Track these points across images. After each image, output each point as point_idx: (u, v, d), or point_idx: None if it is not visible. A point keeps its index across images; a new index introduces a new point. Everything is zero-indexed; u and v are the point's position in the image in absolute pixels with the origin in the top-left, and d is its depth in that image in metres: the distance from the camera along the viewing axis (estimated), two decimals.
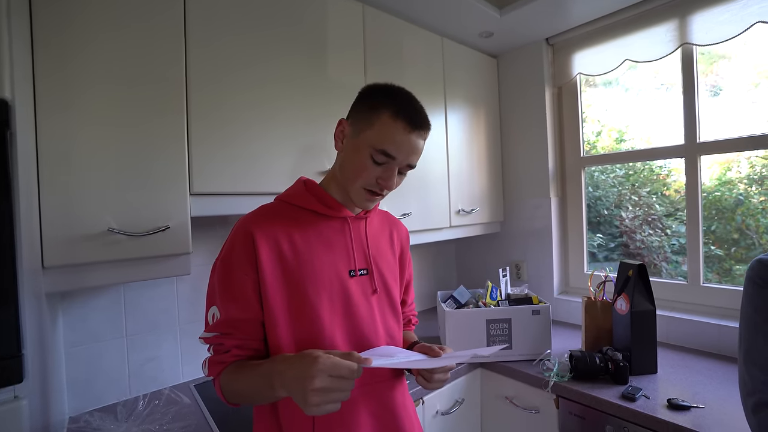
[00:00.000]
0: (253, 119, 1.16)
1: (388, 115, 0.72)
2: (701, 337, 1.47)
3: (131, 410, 1.09)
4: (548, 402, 1.30)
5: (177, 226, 1.01)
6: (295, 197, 0.80)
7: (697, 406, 1.08)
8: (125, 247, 0.93)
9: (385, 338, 0.82)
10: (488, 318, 1.44)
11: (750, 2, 1.37)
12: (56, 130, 0.85)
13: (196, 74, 1.05)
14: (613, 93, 1.89)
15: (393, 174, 0.75)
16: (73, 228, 0.87)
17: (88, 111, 0.89)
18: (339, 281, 0.77)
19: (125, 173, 0.94)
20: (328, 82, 1.34)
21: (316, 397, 0.56)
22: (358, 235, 0.83)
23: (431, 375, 0.77)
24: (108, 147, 0.92)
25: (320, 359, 0.58)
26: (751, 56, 1.50)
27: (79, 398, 1.17)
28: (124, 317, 1.25)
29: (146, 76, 0.97)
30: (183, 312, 1.37)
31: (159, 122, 0.99)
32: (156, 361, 1.30)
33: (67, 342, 1.15)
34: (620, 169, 1.91)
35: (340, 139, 0.79)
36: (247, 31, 1.15)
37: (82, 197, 0.88)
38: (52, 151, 0.85)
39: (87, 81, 0.89)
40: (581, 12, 1.69)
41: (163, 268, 1.01)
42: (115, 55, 0.93)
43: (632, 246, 1.86)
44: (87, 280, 0.91)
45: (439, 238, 1.75)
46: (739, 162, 1.56)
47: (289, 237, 0.75)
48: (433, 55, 1.72)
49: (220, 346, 0.73)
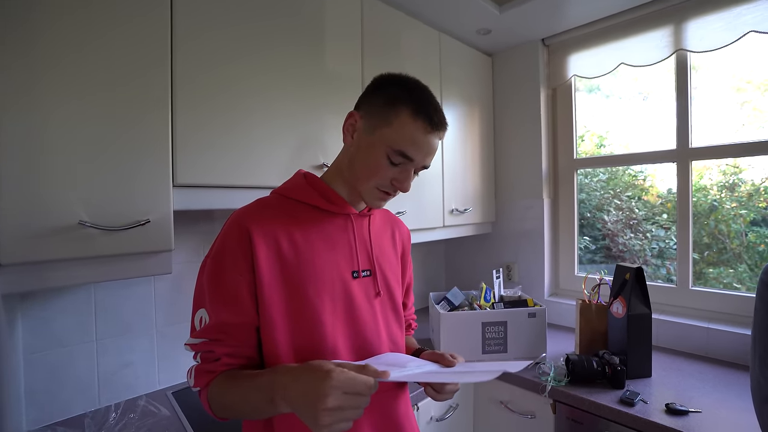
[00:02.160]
0: (244, 109, 1.07)
1: (407, 114, 0.67)
2: (690, 340, 1.49)
3: (101, 423, 0.98)
4: (544, 407, 1.28)
5: (158, 220, 0.91)
6: (295, 191, 0.74)
7: (695, 411, 1.08)
8: (99, 243, 0.83)
9: (388, 344, 0.77)
10: (484, 321, 1.41)
11: (743, 12, 1.40)
12: (19, 108, 0.74)
13: (184, 61, 0.96)
14: (594, 99, 1.92)
15: (409, 176, 0.71)
16: (38, 220, 0.76)
17: (57, 89, 0.78)
18: (341, 283, 0.71)
19: (100, 160, 0.84)
20: (324, 73, 1.27)
21: (328, 417, 0.50)
22: (361, 233, 0.77)
23: (443, 386, 0.72)
24: (81, 130, 0.81)
25: (333, 374, 0.51)
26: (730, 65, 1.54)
27: (39, 410, 1.04)
28: (95, 319, 1.14)
29: (127, 57, 0.87)
30: (160, 313, 1.26)
31: (140, 106, 0.89)
32: (130, 367, 1.19)
33: (26, 348, 1.03)
34: (603, 174, 1.93)
35: (350, 133, 0.73)
36: (238, 19, 1.06)
37: (49, 185, 0.77)
38: (14, 132, 0.74)
39: (56, 55, 0.78)
40: (578, 14, 1.68)
41: (141, 267, 0.91)
42: (90, 32, 0.82)
43: (614, 249, 1.88)
44: (53, 279, 0.80)
45: (432, 238, 1.71)
46: (710, 169, 1.61)
47: (289, 234, 0.69)
48: (430, 50, 1.67)
49: (209, 353, 0.65)
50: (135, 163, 0.88)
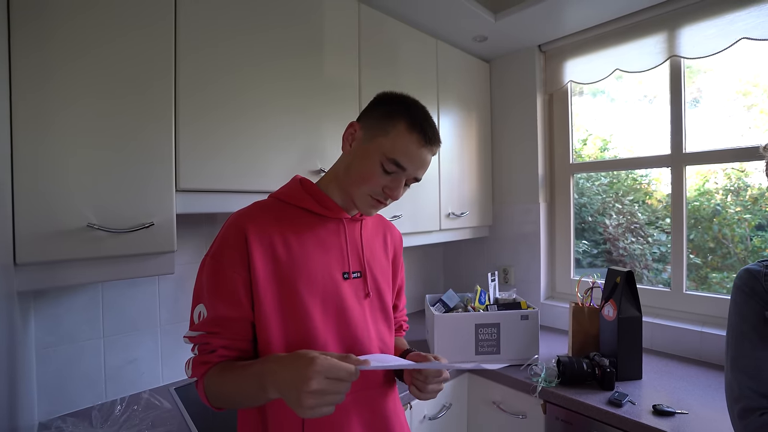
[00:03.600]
0: (242, 118, 1.12)
1: (404, 126, 0.72)
2: (684, 344, 1.50)
3: (107, 415, 1.04)
4: (535, 407, 1.31)
5: (161, 223, 0.97)
6: (291, 195, 0.78)
7: (681, 412, 1.09)
8: (106, 244, 0.89)
9: (377, 342, 0.81)
10: (477, 322, 1.44)
11: (736, 19, 1.41)
12: (33, 119, 0.80)
13: (187, 71, 1.02)
14: (599, 102, 1.93)
15: (400, 185, 0.75)
16: (50, 223, 0.82)
17: (68, 101, 0.84)
18: (332, 283, 0.75)
19: (108, 166, 0.89)
20: (321, 82, 1.31)
21: (312, 400, 0.54)
22: (352, 237, 0.81)
23: (425, 385, 0.75)
24: (90, 139, 0.87)
25: (317, 360, 0.56)
26: (732, 71, 1.54)
27: (50, 402, 1.10)
28: (102, 317, 1.20)
29: (132, 69, 0.93)
30: (165, 312, 1.32)
31: (145, 117, 0.95)
32: (135, 363, 1.25)
33: (39, 343, 1.09)
34: (605, 177, 1.94)
35: (349, 141, 0.78)
36: (240, 30, 1.12)
37: (60, 191, 0.83)
38: (29, 140, 0.80)
39: (66, 67, 0.84)
40: (574, 20, 1.71)
41: (145, 267, 0.97)
42: (98, 44, 0.88)
43: (615, 253, 1.90)
44: (64, 278, 0.86)
45: (428, 241, 1.74)
46: (716, 173, 1.61)
47: (283, 236, 0.73)
48: (427, 56, 1.71)
49: (205, 345, 0.70)
50: (139, 169, 0.94)
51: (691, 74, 1.63)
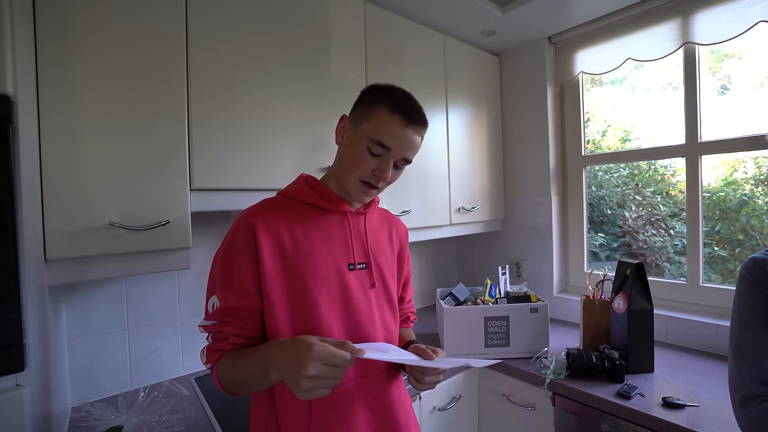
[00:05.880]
0: (254, 117, 1.17)
1: (385, 110, 0.75)
2: (699, 337, 1.47)
3: (132, 401, 1.11)
4: (545, 399, 1.31)
5: (177, 221, 1.02)
6: (297, 192, 0.82)
7: (692, 405, 1.08)
8: (126, 241, 0.95)
9: (382, 332, 0.83)
10: (486, 315, 1.45)
11: (753, 2, 1.36)
12: (59, 125, 0.87)
13: (198, 72, 1.06)
14: (619, 92, 1.87)
15: (388, 166, 0.77)
16: (76, 221, 0.89)
17: (91, 107, 0.91)
18: (338, 274, 0.78)
19: (127, 168, 0.95)
20: (328, 81, 1.34)
21: (308, 383, 0.58)
22: (357, 229, 0.84)
23: (422, 377, 0.78)
24: (110, 142, 0.93)
25: (315, 347, 0.59)
26: (759, 55, 1.48)
27: (81, 389, 1.19)
28: (126, 311, 1.27)
29: (148, 75, 0.98)
30: (184, 306, 1.39)
31: (161, 120, 1.00)
32: (157, 354, 1.32)
33: (70, 334, 1.18)
34: (624, 169, 1.89)
35: (340, 134, 0.82)
36: (249, 31, 1.16)
37: (84, 191, 0.90)
38: (55, 145, 0.86)
39: (90, 76, 0.90)
40: (583, 10, 1.68)
41: (163, 262, 1.03)
42: (117, 52, 0.94)
43: (635, 246, 1.86)
44: (89, 272, 0.93)
45: (439, 236, 1.76)
46: (745, 162, 1.55)
47: (290, 229, 0.77)
48: (434, 52, 1.72)
49: (218, 333, 0.74)
50: (156, 169, 0.99)
51: (717, 60, 1.57)
